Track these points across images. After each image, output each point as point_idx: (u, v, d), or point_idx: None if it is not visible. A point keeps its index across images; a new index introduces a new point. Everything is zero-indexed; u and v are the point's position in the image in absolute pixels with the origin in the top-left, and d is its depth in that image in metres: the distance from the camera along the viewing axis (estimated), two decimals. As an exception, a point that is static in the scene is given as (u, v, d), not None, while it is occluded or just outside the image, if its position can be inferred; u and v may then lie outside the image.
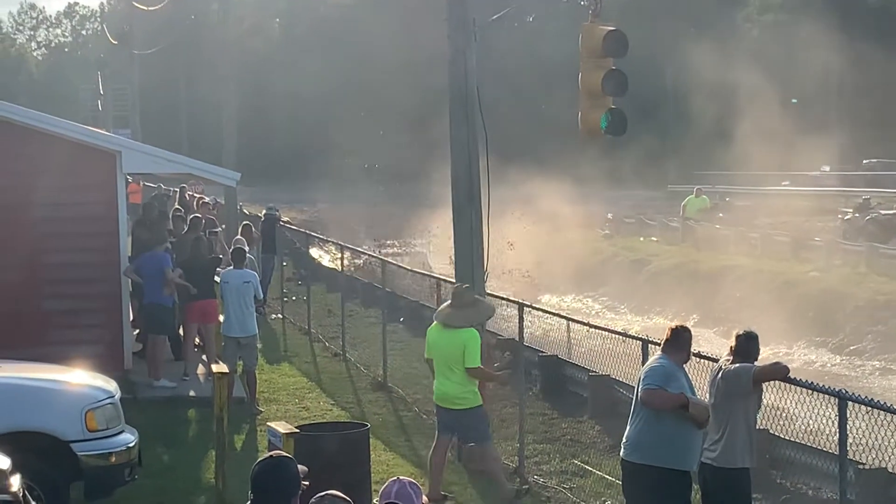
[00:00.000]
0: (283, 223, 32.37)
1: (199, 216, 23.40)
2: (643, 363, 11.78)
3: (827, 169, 54.39)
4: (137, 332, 21.03)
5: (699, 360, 11.61)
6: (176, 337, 20.65)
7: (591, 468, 14.73)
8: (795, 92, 50.60)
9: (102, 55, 63.99)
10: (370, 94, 70.85)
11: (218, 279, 19.08)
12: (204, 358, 20.45)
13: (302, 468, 6.61)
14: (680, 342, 10.83)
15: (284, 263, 30.70)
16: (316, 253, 36.18)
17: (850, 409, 9.62)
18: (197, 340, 20.73)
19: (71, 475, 12.21)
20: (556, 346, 19.39)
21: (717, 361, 10.95)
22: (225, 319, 18.33)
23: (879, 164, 53.16)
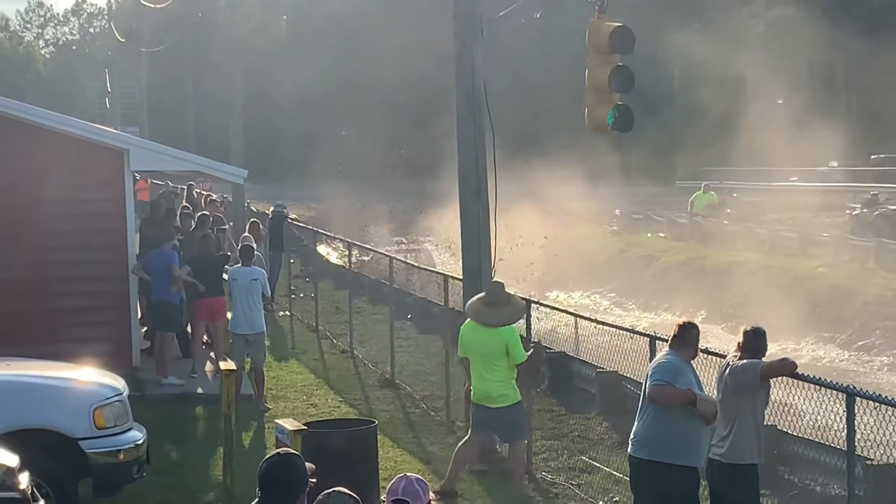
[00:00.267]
0: (290, 220, 32.39)
1: (206, 213, 23.44)
2: (651, 359, 11.79)
3: (835, 164, 54.29)
4: (145, 329, 21.06)
5: (707, 356, 11.61)
6: (184, 334, 20.67)
7: (599, 464, 14.72)
8: (800, 89, 50.49)
9: (110, 53, 64.06)
10: (377, 91, 70.85)
11: (226, 276, 19.10)
12: (212, 355, 20.48)
13: (309, 465, 6.61)
14: (687, 338, 10.82)
15: (292, 260, 30.72)
16: (324, 250, 36.17)
17: (858, 404, 9.61)
18: (205, 338, 20.75)
19: (79, 472, 12.22)
20: (563, 342, 19.38)
21: (724, 357, 10.94)
22: (233, 316, 18.35)
23: (887, 159, 53.02)
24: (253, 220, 27.46)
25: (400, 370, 20.18)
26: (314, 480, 6.51)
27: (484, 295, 13.83)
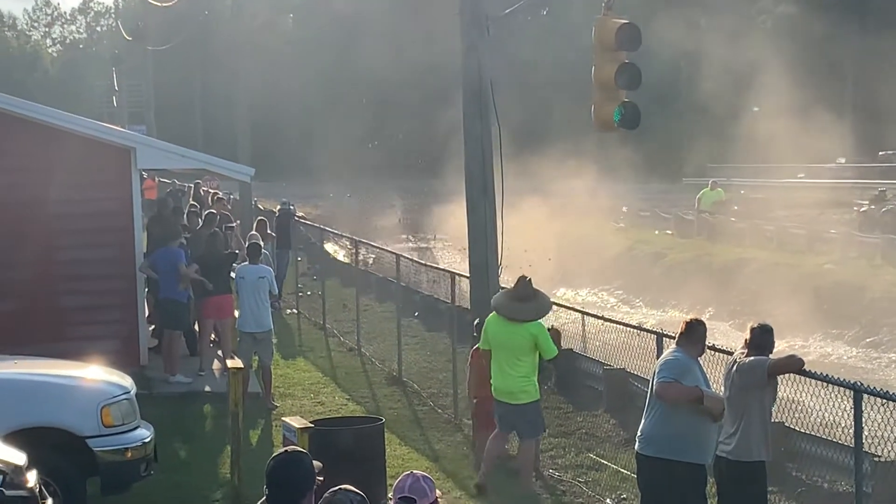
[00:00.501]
0: (297, 218, 32.40)
1: (213, 212, 23.44)
2: (658, 357, 11.78)
3: (842, 161, 54.23)
4: (153, 327, 21.07)
5: (714, 353, 11.61)
6: (191, 332, 20.69)
7: (606, 462, 14.72)
8: (807, 85, 50.40)
9: (117, 51, 63.92)
10: (384, 88, 70.82)
11: (233, 274, 19.11)
12: (219, 353, 20.48)
13: (317, 463, 6.61)
14: (695, 336, 10.82)
15: (299, 258, 30.71)
16: (331, 248, 36.19)
17: (865, 401, 9.60)
18: (212, 336, 20.76)
19: (87, 470, 12.24)
20: (571, 339, 19.37)
21: (731, 354, 10.93)
22: (240, 315, 18.35)
23: (895, 155, 52.99)
24: (260, 218, 27.47)
25: (407, 368, 20.18)
26: (322, 479, 6.51)
27: (511, 290, 13.88)
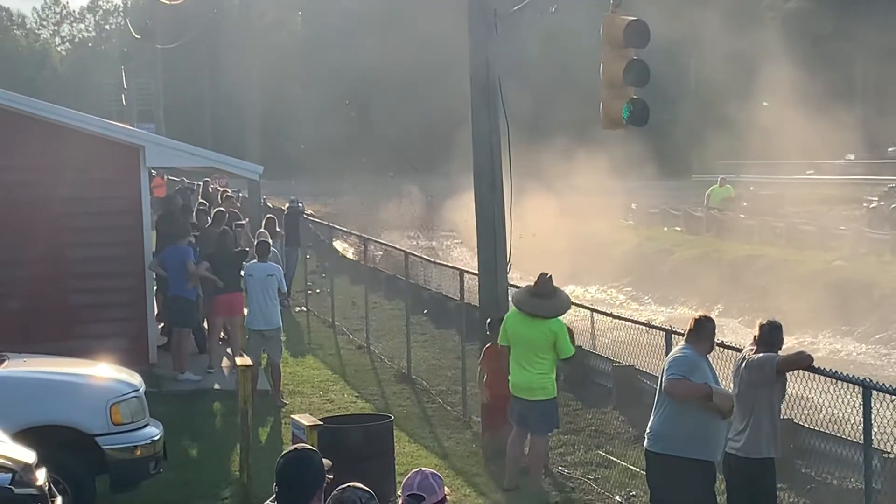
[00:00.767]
0: (306, 216, 32.40)
1: (222, 209, 23.45)
2: (667, 354, 11.77)
3: (852, 157, 54.14)
4: (162, 325, 21.09)
5: (723, 350, 11.59)
6: (200, 330, 20.71)
7: (615, 459, 14.71)
8: (817, 81, 50.34)
9: (126, 50, 63.95)
10: (392, 86, 70.82)
11: (242, 272, 19.12)
12: (228, 351, 20.51)
13: (326, 461, 6.61)
14: (703, 332, 10.82)
15: (308, 256, 30.72)
16: (339, 245, 36.20)
17: (874, 397, 9.58)
18: (221, 334, 20.78)
19: (96, 468, 12.26)
20: (579, 336, 19.35)
21: (740, 351, 10.92)
22: (249, 312, 18.37)
23: (905, 152, 52.94)
24: (269, 216, 27.49)
25: (416, 365, 20.19)
26: (331, 476, 6.51)
27: (532, 286, 13.92)
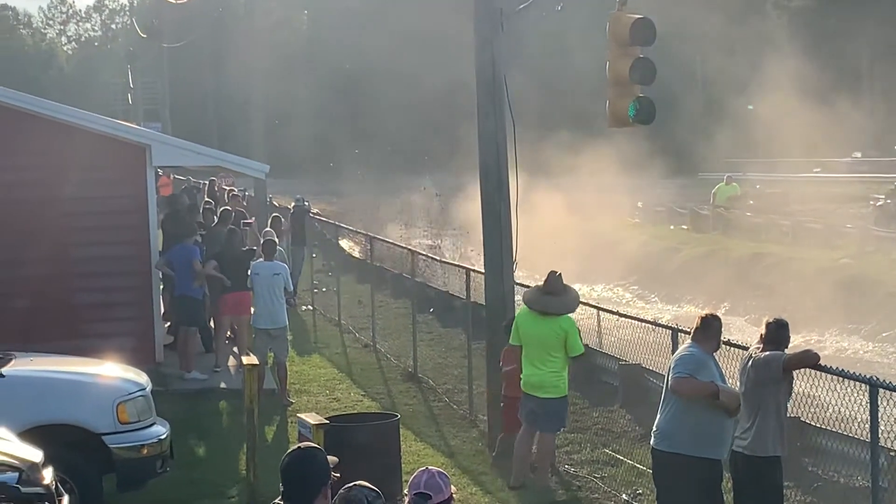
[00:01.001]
0: (312, 214, 32.41)
1: (228, 208, 23.48)
2: (673, 352, 11.76)
3: (858, 155, 54.06)
4: (168, 324, 21.11)
5: (729, 348, 11.58)
6: (206, 329, 20.72)
7: (621, 457, 14.71)
8: (823, 79, 50.29)
9: (132, 49, 64.05)
10: (398, 85, 70.78)
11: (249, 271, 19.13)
12: (235, 350, 20.52)
13: (332, 458, 6.61)
14: (710, 331, 10.81)
15: (314, 255, 30.73)
16: (346, 244, 36.21)
17: (881, 395, 9.57)
18: (228, 333, 20.79)
19: (103, 467, 12.28)
20: (586, 335, 19.34)
21: (747, 349, 10.91)
22: (255, 311, 18.37)
23: (911, 149, 52.84)
24: (275, 215, 27.49)
25: (422, 364, 20.19)
26: (338, 475, 6.51)
27: (542, 285, 13.94)
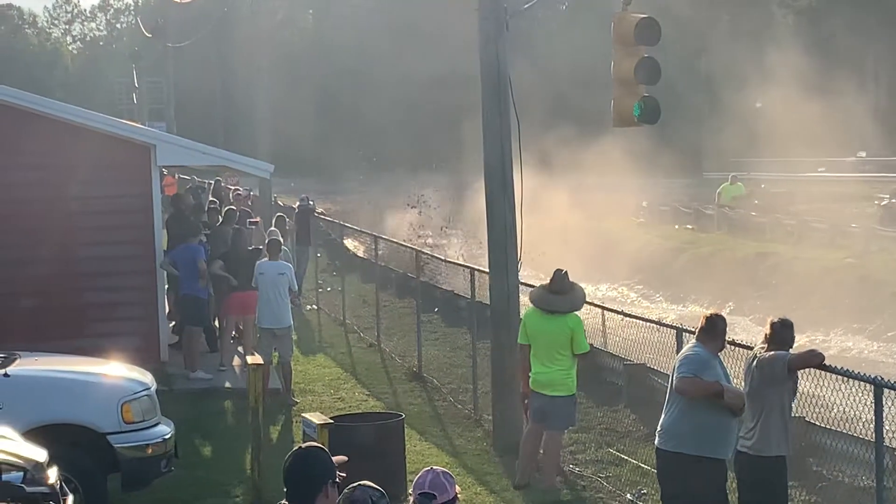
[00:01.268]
0: (317, 214, 32.41)
1: (233, 208, 23.49)
2: (678, 352, 11.76)
3: (863, 155, 54.03)
4: (173, 324, 21.12)
5: (734, 347, 11.58)
6: (210, 329, 20.72)
7: (626, 457, 14.70)
8: (828, 78, 50.25)
9: (137, 48, 64.05)
10: (403, 84, 70.81)
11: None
12: (240, 349, 20.52)
13: (341, 458, 6.60)
14: (715, 330, 10.80)
15: (319, 254, 30.73)
16: (350, 244, 36.21)
17: (886, 395, 9.56)
18: (233, 332, 20.79)
19: (108, 467, 12.28)
20: (591, 335, 19.33)
21: (752, 349, 10.91)
22: (260, 311, 18.37)
23: (916, 149, 52.81)
24: (279, 214, 27.51)
25: (427, 363, 20.19)
26: (344, 475, 6.50)
27: (548, 283, 13.96)
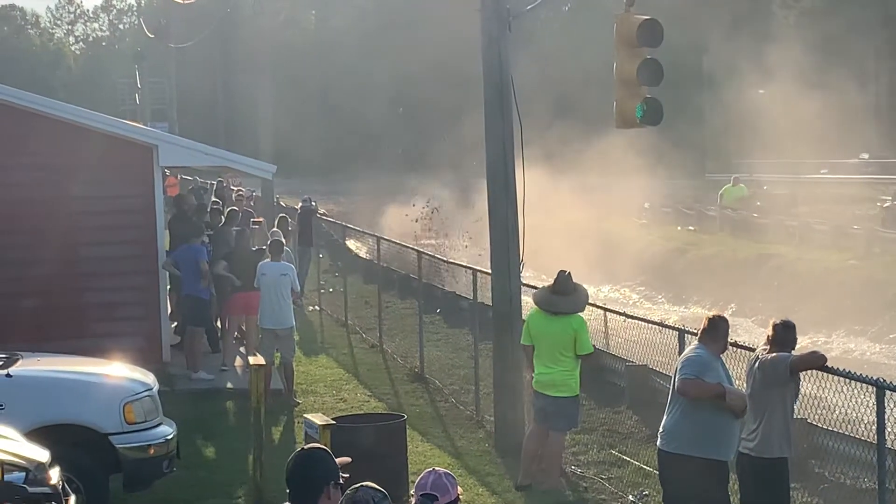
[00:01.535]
0: (319, 215, 32.42)
1: (235, 209, 23.50)
2: (680, 353, 11.76)
3: (866, 156, 53.96)
4: (175, 324, 21.12)
5: (736, 349, 11.58)
6: (212, 329, 20.73)
7: (628, 458, 14.70)
8: (830, 79, 50.21)
9: (139, 49, 64.18)
10: (407, 84, 70.85)
11: (256, 271, 19.14)
12: (242, 350, 20.53)
13: (345, 459, 6.60)
14: (717, 332, 10.80)
15: (321, 255, 30.73)
16: (353, 244, 36.22)
17: (888, 397, 9.56)
18: (235, 333, 20.79)
19: (110, 467, 12.29)
20: (593, 336, 19.29)
21: (754, 351, 10.90)
22: (261, 311, 18.37)
23: (919, 150, 52.73)
24: (281, 215, 27.50)
25: (429, 364, 20.19)
26: (347, 475, 6.50)
27: (552, 284, 13.99)
